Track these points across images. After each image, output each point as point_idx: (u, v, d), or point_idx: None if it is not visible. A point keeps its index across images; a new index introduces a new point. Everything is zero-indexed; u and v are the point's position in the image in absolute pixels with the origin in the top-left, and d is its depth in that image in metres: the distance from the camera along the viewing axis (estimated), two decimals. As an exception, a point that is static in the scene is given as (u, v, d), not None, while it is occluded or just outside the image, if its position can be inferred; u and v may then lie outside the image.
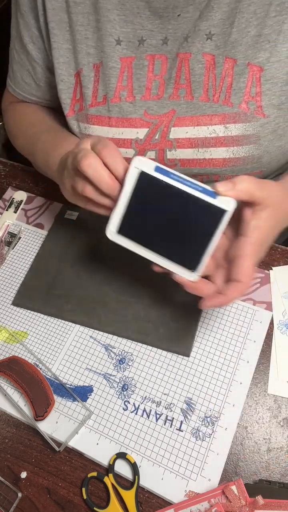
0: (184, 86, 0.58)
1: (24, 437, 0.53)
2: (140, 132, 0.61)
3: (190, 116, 0.58)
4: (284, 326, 0.57)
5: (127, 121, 0.61)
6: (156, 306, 0.59)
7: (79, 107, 0.64)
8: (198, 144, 0.59)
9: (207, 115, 0.57)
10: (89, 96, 0.62)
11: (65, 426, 0.53)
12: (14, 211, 0.74)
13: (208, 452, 0.50)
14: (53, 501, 0.49)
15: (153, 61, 0.59)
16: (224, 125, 0.57)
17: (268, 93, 0.55)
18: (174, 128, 0.59)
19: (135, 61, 0.60)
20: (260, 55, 0.54)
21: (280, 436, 0.50)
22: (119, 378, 0.56)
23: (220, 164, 0.60)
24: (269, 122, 0.57)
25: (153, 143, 0.61)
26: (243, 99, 0.56)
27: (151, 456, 0.50)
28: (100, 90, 0.61)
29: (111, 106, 0.61)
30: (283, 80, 0.55)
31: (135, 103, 0.60)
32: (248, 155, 0.59)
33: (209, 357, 0.56)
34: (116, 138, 0.62)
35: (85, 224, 0.69)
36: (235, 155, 0.59)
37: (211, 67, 0.57)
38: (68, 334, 0.60)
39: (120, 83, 0.60)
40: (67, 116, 0.65)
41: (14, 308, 0.63)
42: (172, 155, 0.62)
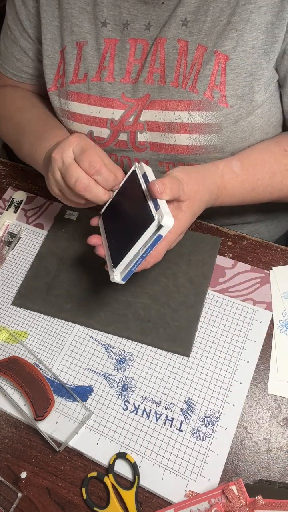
0: (159, 71, 0.59)
1: (24, 437, 0.53)
2: (116, 113, 0.62)
3: (160, 100, 0.59)
4: (284, 326, 0.57)
5: (105, 100, 0.62)
6: (156, 306, 0.59)
7: (61, 83, 0.65)
8: (165, 128, 0.60)
9: (175, 100, 0.58)
10: (70, 73, 0.63)
11: (65, 426, 0.53)
12: (14, 211, 0.74)
13: (208, 452, 0.50)
14: (53, 501, 0.49)
15: (135, 45, 0.60)
16: (188, 111, 0.58)
17: (232, 83, 0.56)
18: (145, 111, 0.60)
19: (118, 43, 0.61)
20: (227, 43, 0.55)
21: (280, 436, 0.50)
22: (119, 378, 0.56)
23: (184, 151, 0.61)
24: (231, 112, 0.57)
25: (126, 125, 0.62)
26: (208, 86, 0.56)
27: (151, 456, 0.50)
28: (81, 68, 0.63)
29: (91, 85, 0.62)
30: (247, 71, 0.55)
31: (114, 84, 0.62)
32: (210, 144, 0.60)
33: (209, 357, 0.56)
34: (93, 116, 0.63)
35: (85, 224, 0.69)
36: (197, 143, 0.60)
37: (184, 53, 0.57)
38: (68, 334, 0.60)
39: (102, 64, 0.62)
40: (49, 90, 0.67)
41: (14, 308, 0.63)
42: (142, 138, 0.63)
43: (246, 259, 0.64)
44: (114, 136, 0.64)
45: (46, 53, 0.65)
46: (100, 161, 0.49)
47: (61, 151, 0.50)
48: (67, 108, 0.65)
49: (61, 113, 0.67)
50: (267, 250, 0.64)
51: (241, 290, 0.61)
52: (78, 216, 0.71)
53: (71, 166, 0.49)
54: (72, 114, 0.65)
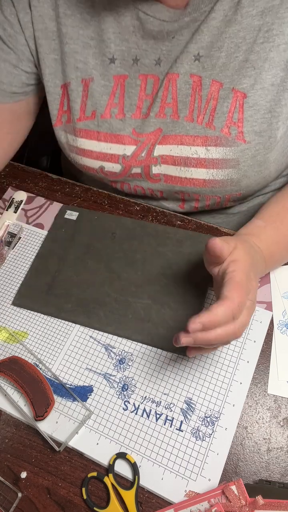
0: (171, 105, 0.58)
1: (24, 437, 0.53)
2: (128, 149, 0.61)
3: (174, 134, 0.59)
4: (284, 326, 0.57)
5: (115, 137, 0.61)
6: (156, 306, 0.59)
7: (66, 118, 0.64)
8: (180, 162, 0.59)
9: (191, 135, 0.58)
10: (77, 111, 0.62)
11: (65, 426, 0.53)
12: (14, 211, 0.74)
13: (208, 452, 0.50)
14: (53, 501, 0.49)
15: (145, 81, 0.59)
16: (205, 147, 0.57)
17: (250, 119, 0.55)
18: (159, 146, 0.60)
19: (128, 79, 0.60)
20: (245, 81, 0.54)
21: (280, 436, 0.50)
22: (119, 378, 0.56)
23: (200, 184, 0.61)
24: (249, 148, 0.56)
25: (139, 160, 0.62)
26: (226, 123, 0.56)
27: (151, 456, 0.50)
28: (88, 105, 0.61)
29: (101, 122, 0.61)
30: (265, 108, 0.55)
31: (125, 120, 0.60)
32: (227, 179, 0.59)
33: (209, 357, 0.56)
34: (103, 153, 0.62)
35: (85, 224, 0.69)
36: (214, 177, 0.59)
37: (198, 88, 0.56)
38: (68, 334, 0.60)
39: (112, 100, 0.60)
40: (54, 126, 0.65)
41: (14, 308, 0.63)
42: (157, 170, 0.62)
43: (246, 259, 0.64)
44: (126, 170, 0.63)
45: (46, 89, 0.63)
46: None
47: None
48: (76, 144, 0.64)
49: (69, 148, 0.66)
50: (267, 250, 0.64)
51: (241, 290, 0.60)
52: (78, 216, 0.71)
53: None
54: (82, 150, 0.64)
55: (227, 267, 0.46)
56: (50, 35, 0.60)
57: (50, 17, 0.59)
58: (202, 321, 0.41)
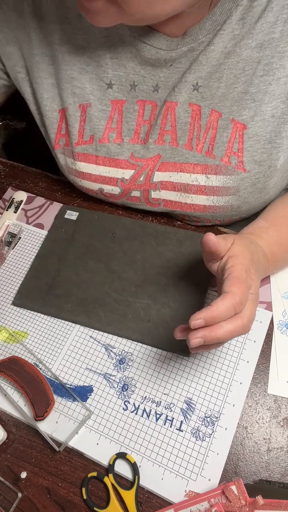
0: (170, 133, 0.58)
1: (24, 437, 0.53)
2: (126, 173, 0.62)
3: (173, 162, 0.59)
4: (284, 326, 0.57)
5: (113, 161, 0.62)
6: (156, 306, 0.59)
7: (64, 142, 0.64)
8: (180, 188, 0.60)
9: (190, 163, 0.58)
10: (75, 135, 0.62)
11: (65, 426, 0.53)
12: (14, 211, 0.74)
13: (208, 452, 0.50)
14: (53, 501, 0.49)
15: (143, 107, 0.59)
16: (205, 175, 0.58)
17: (250, 149, 0.55)
18: (158, 173, 0.60)
19: (126, 104, 0.60)
20: (244, 113, 0.54)
21: (280, 436, 0.50)
22: (119, 378, 0.56)
23: (201, 210, 0.61)
24: (249, 176, 0.57)
25: (138, 184, 0.62)
26: (226, 153, 0.56)
27: (151, 456, 0.50)
28: (86, 129, 0.62)
29: (99, 146, 0.61)
30: (265, 138, 0.55)
31: (123, 145, 0.61)
32: (228, 205, 0.60)
33: (209, 357, 0.56)
34: (102, 176, 0.63)
35: (85, 224, 0.69)
36: (215, 203, 0.60)
37: (197, 117, 0.57)
38: (68, 334, 0.60)
39: (110, 125, 0.61)
40: (53, 149, 0.66)
41: (14, 308, 0.63)
42: (156, 195, 0.63)
43: (246, 259, 0.64)
44: (125, 193, 0.64)
45: (44, 113, 0.64)
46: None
47: None
48: (74, 167, 0.64)
49: (68, 171, 0.66)
50: (267, 250, 0.64)
51: (241, 290, 0.61)
52: (78, 216, 0.71)
53: None
54: (81, 173, 0.64)
55: (226, 263, 0.47)
56: (47, 60, 0.61)
57: (47, 43, 0.60)
58: (202, 317, 0.41)
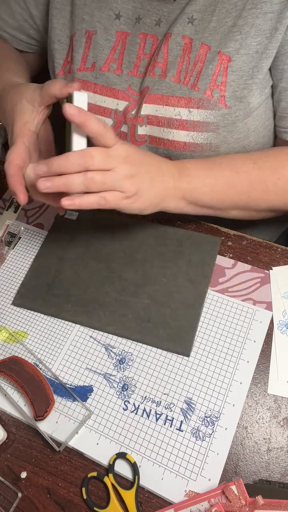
0: (161, 65, 0.60)
1: (24, 437, 0.53)
2: (120, 104, 0.63)
3: (160, 94, 0.60)
4: (284, 326, 0.57)
5: (111, 91, 0.63)
6: (156, 306, 0.59)
7: (68, 69, 0.65)
8: (164, 123, 0.61)
9: (176, 96, 0.59)
10: (78, 61, 0.64)
11: (65, 426, 0.53)
12: (14, 211, 0.74)
13: (208, 452, 0.50)
14: (53, 501, 0.49)
15: (145, 40, 0.61)
16: (188, 109, 0.58)
17: (233, 84, 0.57)
18: (146, 105, 0.61)
19: (129, 37, 0.62)
20: (230, 45, 0.55)
21: (280, 436, 0.50)
22: (119, 378, 0.56)
23: (181, 147, 0.62)
24: (229, 113, 0.58)
25: (128, 117, 0.63)
26: (209, 86, 0.57)
27: (151, 456, 0.50)
28: (90, 56, 0.63)
29: (99, 74, 0.63)
30: (248, 74, 0.56)
31: (122, 76, 0.62)
32: (207, 143, 0.60)
33: (209, 357, 0.56)
34: (98, 105, 0.64)
35: (85, 224, 0.69)
36: (194, 140, 0.60)
37: (188, 50, 0.58)
38: (68, 334, 0.60)
39: (112, 56, 0.62)
40: (57, 75, 0.67)
41: (14, 308, 0.63)
42: (142, 131, 0.63)
43: (246, 259, 0.64)
44: (117, 127, 0.65)
45: (57, 37, 0.65)
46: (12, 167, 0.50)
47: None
48: None
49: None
50: (267, 250, 0.64)
51: (241, 290, 0.61)
52: (78, 216, 0.71)
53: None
54: None
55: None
56: None
57: None
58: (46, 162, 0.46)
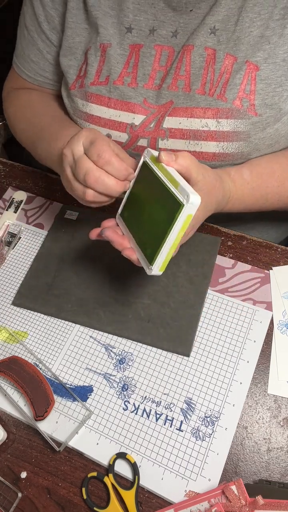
0: (183, 78, 0.59)
1: (24, 437, 0.53)
2: (137, 118, 0.62)
3: (185, 107, 0.59)
4: (284, 326, 0.57)
5: (126, 104, 0.62)
6: (156, 306, 0.59)
7: (80, 83, 0.65)
8: (190, 136, 0.60)
9: (201, 107, 0.58)
10: (92, 74, 0.63)
11: (65, 426, 0.53)
12: (14, 211, 0.74)
13: (208, 452, 0.50)
14: (53, 501, 0.49)
15: (160, 52, 0.60)
16: (216, 119, 0.58)
17: (262, 92, 0.56)
18: (168, 118, 0.60)
19: (143, 48, 0.61)
20: (258, 54, 0.55)
21: (280, 436, 0.50)
22: (119, 378, 0.56)
23: (210, 158, 0.61)
24: (260, 121, 0.57)
25: (147, 131, 0.62)
26: (238, 95, 0.56)
27: (151, 456, 0.50)
28: (104, 70, 0.62)
29: (113, 88, 0.62)
30: (276, 82, 0.56)
31: (137, 89, 0.61)
32: (238, 152, 0.60)
33: (209, 357, 0.56)
34: (112, 120, 0.63)
35: (85, 224, 0.69)
36: (224, 150, 0.60)
37: (212, 61, 0.57)
38: (68, 334, 0.60)
39: (126, 69, 0.61)
40: (69, 89, 0.66)
41: (14, 308, 0.63)
42: (163, 145, 0.62)
43: (246, 259, 0.64)
44: (132, 141, 0.63)
45: (74, 55, 0.65)
46: (109, 150, 0.47)
47: (71, 146, 0.50)
48: (85, 109, 0.64)
49: (78, 114, 0.66)
50: (267, 250, 0.64)
51: (241, 290, 0.61)
52: (78, 216, 0.71)
53: (80, 160, 0.48)
54: (90, 116, 0.64)
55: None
56: (81, 5, 0.63)
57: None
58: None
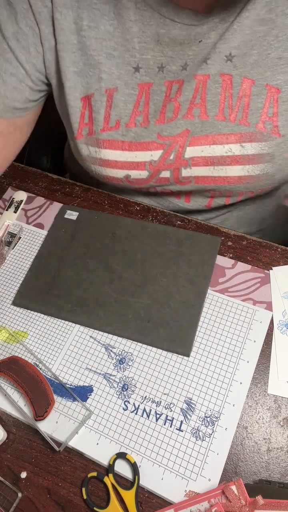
0: (199, 106, 0.58)
1: (24, 437, 0.53)
2: (154, 154, 0.61)
3: (205, 135, 0.58)
4: (284, 326, 0.57)
5: (140, 145, 0.61)
6: (156, 306, 0.59)
7: (87, 131, 0.63)
8: (214, 162, 0.59)
9: (223, 134, 0.58)
10: (100, 121, 0.61)
11: (65, 426, 0.53)
12: (14, 211, 0.74)
13: (208, 452, 0.50)
14: (53, 501, 0.49)
15: (170, 86, 0.59)
16: (240, 144, 0.57)
17: (285, 113, 0.56)
18: (190, 148, 0.59)
19: (153, 86, 0.59)
20: (279, 78, 0.55)
21: (280, 436, 0.50)
22: (119, 378, 0.56)
23: (235, 181, 0.61)
24: (284, 141, 0.57)
25: (168, 163, 0.61)
26: (260, 119, 0.56)
27: (151, 456, 0.50)
28: (113, 115, 0.60)
29: (125, 131, 0.60)
30: None
31: (149, 127, 0.60)
32: (263, 173, 0.60)
33: (209, 357, 0.56)
34: (129, 162, 0.62)
35: (85, 224, 0.69)
36: (250, 173, 0.59)
37: (228, 86, 0.56)
38: (68, 334, 0.60)
39: (136, 109, 0.60)
40: (75, 139, 0.64)
41: (14, 308, 0.63)
42: (187, 173, 0.62)
43: (246, 259, 0.64)
44: (154, 175, 0.63)
45: (67, 102, 0.62)
46: None
47: None
48: (99, 156, 0.63)
49: (91, 161, 0.65)
50: (267, 250, 0.64)
51: (241, 290, 0.61)
52: (78, 216, 0.71)
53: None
54: (105, 161, 0.63)
55: None
56: (70, 48, 0.59)
57: (71, 31, 0.58)
58: None
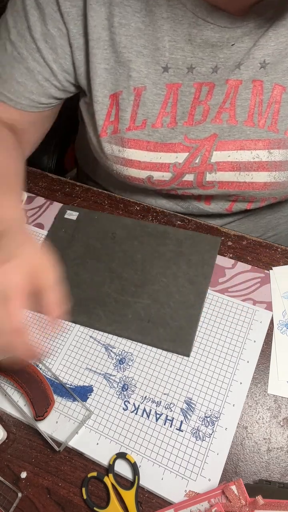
0: (228, 110, 0.57)
1: (24, 437, 0.53)
2: (180, 157, 0.60)
3: (233, 140, 0.58)
4: (284, 326, 0.57)
5: (166, 146, 0.60)
6: (156, 306, 0.59)
7: (112, 129, 0.62)
8: (240, 167, 0.59)
9: (251, 139, 0.57)
10: (126, 120, 0.60)
11: (65, 426, 0.53)
12: (14, 211, 0.74)
13: (208, 452, 0.50)
14: (53, 501, 0.49)
15: (200, 89, 0.58)
16: (268, 150, 0.57)
17: None
18: (216, 152, 0.59)
19: (181, 87, 0.58)
20: None
21: (280, 436, 0.50)
22: (119, 378, 0.56)
23: (260, 188, 0.61)
24: None
25: (193, 167, 0.60)
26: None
27: (151, 456, 0.50)
28: (139, 114, 0.60)
29: (152, 131, 0.60)
30: None
31: (176, 128, 0.59)
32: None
33: (209, 357, 0.56)
34: (153, 162, 0.61)
35: (85, 224, 0.69)
36: (276, 179, 0.59)
37: (259, 92, 0.56)
38: (68, 334, 0.60)
39: (164, 109, 0.59)
40: (99, 137, 0.63)
41: (14, 308, 0.63)
42: (211, 178, 0.61)
43: (246, 259, 0.64)
44: (177, 177, 0.62)
45: (95, 98, 0.61)
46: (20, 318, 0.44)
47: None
48: (122, 155, 0.62)
49: (113, 160, 0.64)
50: (267, 250, 0.64)
51: (241, 290, 0.61)
52: (78, 216, 0.71)
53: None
54: (128, 161, 0.62)
55: None
56: (102, 45, 0.58)
57: (103, 27, 0.57)
58: None
